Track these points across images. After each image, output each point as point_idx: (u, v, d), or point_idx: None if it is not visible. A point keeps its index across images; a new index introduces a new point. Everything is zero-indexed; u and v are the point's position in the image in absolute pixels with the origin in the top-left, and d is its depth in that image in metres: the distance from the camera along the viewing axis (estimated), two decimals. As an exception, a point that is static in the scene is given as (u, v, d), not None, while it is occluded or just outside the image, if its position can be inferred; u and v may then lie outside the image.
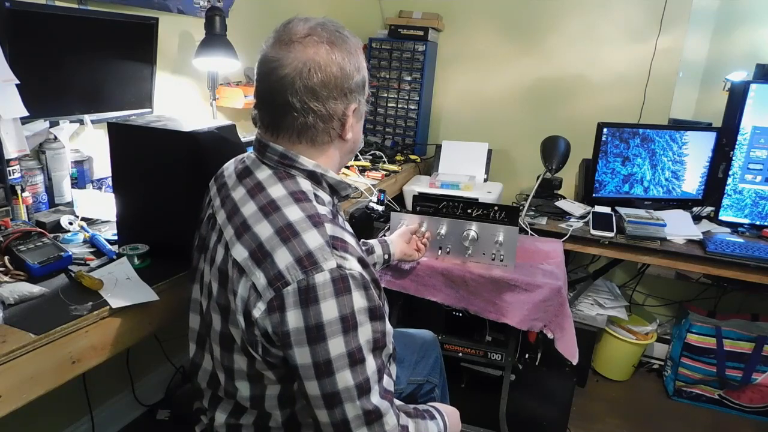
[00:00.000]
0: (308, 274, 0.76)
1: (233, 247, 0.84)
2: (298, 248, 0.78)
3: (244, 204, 0.87)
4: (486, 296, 1.64)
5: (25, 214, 1.31)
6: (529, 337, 2.01)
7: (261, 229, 0.82)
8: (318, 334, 0.76)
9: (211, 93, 2.00)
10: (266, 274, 0.78)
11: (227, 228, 0.87)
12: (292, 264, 0.77)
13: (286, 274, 0.76)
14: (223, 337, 0.88)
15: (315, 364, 0.77)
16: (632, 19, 2.61)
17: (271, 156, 0.90)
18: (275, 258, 0.78)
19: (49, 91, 1.41)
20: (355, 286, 0.78)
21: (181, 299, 1.19)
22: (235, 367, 0.88)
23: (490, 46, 2.89)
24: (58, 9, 1.41)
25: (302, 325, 0.76)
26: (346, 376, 0.77)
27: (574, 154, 2.35)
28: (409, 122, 2.92)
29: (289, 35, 0.85)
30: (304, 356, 0.77)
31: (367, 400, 0.80)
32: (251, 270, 0.80)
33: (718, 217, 2.22)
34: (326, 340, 0.76)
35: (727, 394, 2.38)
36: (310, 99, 0.85)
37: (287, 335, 0.77)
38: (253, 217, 0.84)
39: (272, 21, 0.95)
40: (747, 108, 2.12)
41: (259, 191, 0.87)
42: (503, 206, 1.66)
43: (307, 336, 0.76)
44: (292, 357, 0.78)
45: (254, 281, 0.79)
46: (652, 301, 2.77)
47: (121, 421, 1.93)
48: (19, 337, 0.88)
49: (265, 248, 0.80)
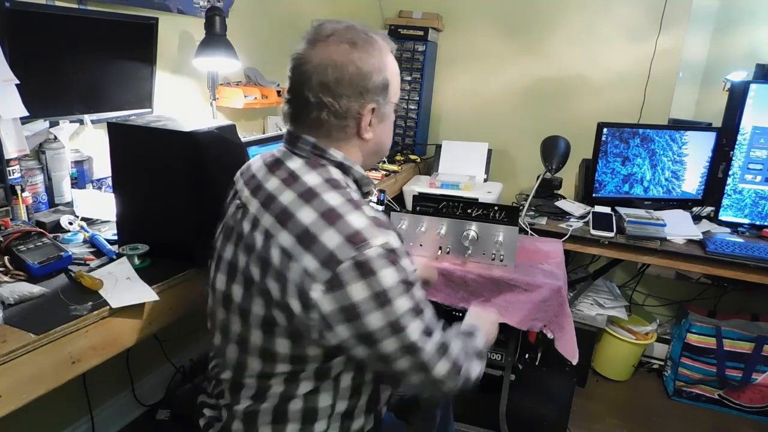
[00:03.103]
0: (359, 250, 0.80)
1: (278, 233, 0.86)
2: (345, 228, 0.82)
3: (281, 192, 0.90)
4: (486, 296, 1.64)
5: (25, 214, 1.31)
6: (529, 337, 2.01)
7: (304, 214, 0.85)
8: (385, 299, 0.81)
9: (211, 93, 2.00)
10: (317, 257, 0.81)
11: (264, 216, 0.90)
12: (342, 243, 0.81)
13: (338, 253, 0.81)
14: (264, 322, 0.90)
15: (389, 324, 0.82)
16: (632, 19, 2.61)
17: (303, 147, 0.94)
18: (324, 240, 0.82)
19: (49, 91, 1.41)
20: (402, 255, 0.85)
21: (181, 299, 1.19)
22: (277, 350, 0.91)
23: (490, 46, 2.89)
24: (58, 9, 1.41)
25: (368, 294, 0.80)
26: (416, 325, 0.85)
27: (574, 154, 2.35)
28: (409, 122, 2.92)
29: (317, 35, 0.91)
30: (376, 321, 0.82)
31: (435, 338, 0.89)
32: (300, 254, 0.83)
33: (718, 217, 2.22)
34: (393, 302, 0.82)
35: (727, 394, 2.38)
36: (325, 95, 0.89)
37: (355, 307, 0.81)
38: (294, 204, 0.87)
39: (272, 21, 0.96)
40: (747, 108, 2.12)
41: (294, 180, 0.91)
42: (503, 206, 1.66)
43: (376, 302, 0.81)
44: (364, 326, 0.82)
45: (305, 265, 0.82)
46: (652, 301, 2.77)
47: (121, 421, 1.93)
48: (19, 337, 0.88)
49: (312, 232, 0.83)
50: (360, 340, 0.84)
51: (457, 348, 0.95)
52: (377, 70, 0.92)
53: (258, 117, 2.36)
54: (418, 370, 0.88)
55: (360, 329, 0.82)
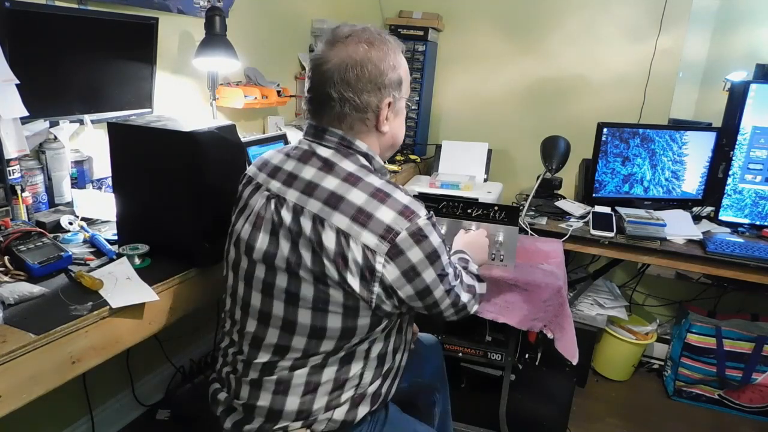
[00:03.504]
0: (411, 221, 0.93)
1: (330, 217, 0.93)
2: (396, 205, 0.94)
3: (322, 179, 0.98)
4: (486, 296, 1.64)
5: (25, 214, 1.31)
6: (529, 337, 2.01)
7: (354, 196, 0.94)
8: (435, 256, 0.96)
9: (211, 93, 2.00)
10: (375, 232, 0.92)
11: (309, 202, 0.96)
12: (396, 217, 0.93)
13: (395, 226, 0.92)
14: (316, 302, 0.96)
15: (439, 275, 0.99)
16: (632, 19, 2.61)
17: (330, 138, 1.02)
18: (379, 217, 0.92)
19: (49, 91, 1.41)
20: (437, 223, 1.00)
21: (181, 299, 1.19)
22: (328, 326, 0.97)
23: (490, 46, 2.89)
24: (58, 9, 1.41)
25: (422, 256, 0.94)
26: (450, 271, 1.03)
27: (574, 154, 2.35)
28: (409, 122, 2.92)
29: (335, 36, 1.00)
30: (430, 274, 0.97)
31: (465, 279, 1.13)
32: (358, 233, 0.92)
33: (718, 217, 2.22)
34: (440, 258, 0.98)
35: (727, 394, 2.38)
36: (346, 90, 0.98)
37: (413, 268, 0.94)
38: (341, 188, 0.95)
39: (272, 21, 0.97)
40: (747, 108, 2.12)
41: (331, 168, 0.99)
42: (503, 206, 1.66)
43: (429, 260, 0.95)
44: (421, 282, 0.96)
45: (364, 242, 0.92)
46: (652, 301, 2.77)
47: (121, 421, 1.93)
48: (19, 337, 0.88)
49: (367, 211, 0.93)
50: (418, 296, 0.98)
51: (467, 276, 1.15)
52: (392, 68, 1.00)
53: (258, 117, 2.36)
54: (452, 305, 1.06)
55: (418, 286, 0.96)
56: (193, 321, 2.11)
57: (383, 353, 1.07)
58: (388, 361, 1.10)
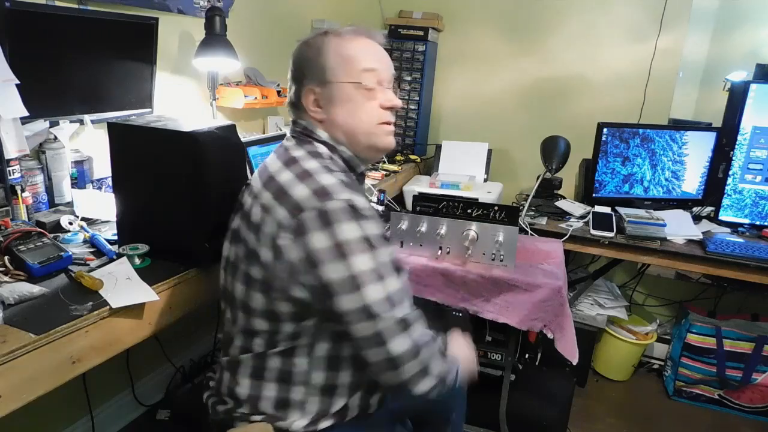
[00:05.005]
0: (323, 201, 0.87)
1: (261, 195, 0.96)
2: (313, 184, 0.90)
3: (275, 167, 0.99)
4: (486, 296, 1.64)
5: (25, 214, 1.31)
6: (529, 337, 2.01)
7: (282, 176, 0.95)
8: (343, 251, 0.86)
9: (211, 93, 2.00)
10: (286, 207, 0.90)
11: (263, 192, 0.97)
12: (308, 195, 0.89)
13: (304, 203, 0.88)
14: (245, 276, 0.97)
15: (347, 278, 0.86)
16: (632, 19, 2.61)
17: (295, 129, 1.06)
18: (293, 193, 0.90)
19: (49, 91, 1.41)
20: (368, 216, 0.90)
21: (181, 299, 1.19)
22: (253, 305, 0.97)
23: (490, 46, 2.89)
24: (58, 9, 1.41)
25: (328, 244, 0.86)
26: (375, 288, 0.87)
27: (574, 154, 2.35)
28: (409, 122, 2.92)
29: None
30: (334, 272, 0.86)
31: (399, 311, 0.89)
32: (274, 207, 0.91)
33: (718, 217, 2.22)
34: (351, 257, 0.86)
35: (727, 394, 2.38)
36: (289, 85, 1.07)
37: (314, 253, 0.86)
38: (278, 172, 0.97)
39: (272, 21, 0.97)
40: (747, 108, 2.12)
41: (285, 155, 1.01)
42: (503, 206, 1.66)
43: (335, 253, 0.86)
44: (323, 275, 0.87)
45: (276, 217, 0.90)
46: (652, 301, 2.77)
47: (121, 421, 1.93)
48: (19, 337, 0.88)
49: (284, 188, 0.92)
50: (321, 291, 0.88)
51: (422, 333, 0.93)
52: (317, 53, 1.02)
53: (258, 117, 2.36)
54: (374, 340, 0.88)
55: (319, 278, 0.87)
56: (193, 321, 2.11)
57: (334, 356, 0.99)
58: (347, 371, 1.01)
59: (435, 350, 0.96)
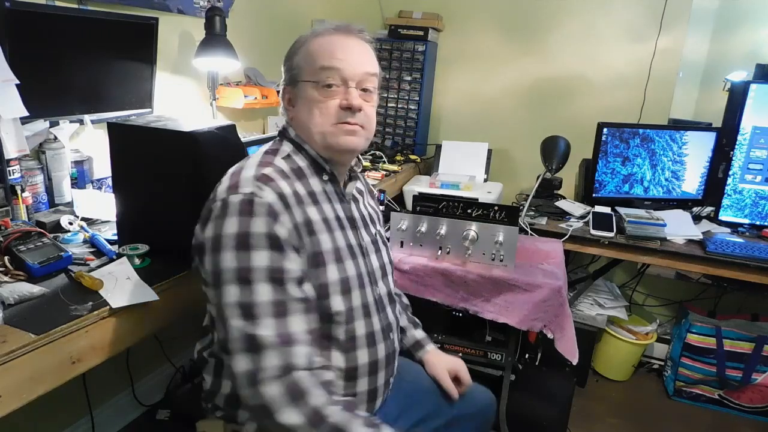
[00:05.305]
0: (229, 194, 0.87)
1: None
2: (233, 179, 0.91)
3: None
4: (486, 296, 1.64)
5: (25, 214, 1.31)
6: (529, 337, 2.01)
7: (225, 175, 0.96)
8: (217, 244, 0.85)
9: (211, 93, 2.00)
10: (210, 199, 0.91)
11: None
12: (225, 188, 0.90)
13: (217, 195, 0.90)
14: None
15: (212, 273, 0.86)
16: (632, 19, 2.61)
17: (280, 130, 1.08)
18: (218, 187, 0.92)
19: (49, 91, 1.41)
20: (261, 212, 0.85)
21: (181, 299, 1.19)
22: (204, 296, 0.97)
23: (490, 46, 2.89)
24: (58, 9, 1.41)
25: (211, 235, 0.86)
26: (231, 292, 0.83)
27: (574, 154, 2.35)
28: (409, 122, 2.92)
29: None
30: (207, 264, 0.87)
31: (252, 326, 0.81)
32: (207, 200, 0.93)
33: (718, 217, 2.22)
34: (221, 251, 0.84)
35: (727, 394, 2.38)
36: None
37: (203, 245, 0.88)
38: None
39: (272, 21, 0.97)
40: (747, 108, 2.12)
41: None
42: (503, 206, 1.66)
43: (212, 244, 0.86)
44: (204, 265, 0.88)
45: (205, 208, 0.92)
46: (652, 301, 2.77)
47: (121, 421, 1.93)
48: (19, 337, 0.88)
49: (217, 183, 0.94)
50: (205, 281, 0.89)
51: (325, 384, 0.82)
52: (290, 57, 1.03)
53: (258, 117, 2.36)
54: (221, 346, 0.88)
55: (204, 268, 0.88)
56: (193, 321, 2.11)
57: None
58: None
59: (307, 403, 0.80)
